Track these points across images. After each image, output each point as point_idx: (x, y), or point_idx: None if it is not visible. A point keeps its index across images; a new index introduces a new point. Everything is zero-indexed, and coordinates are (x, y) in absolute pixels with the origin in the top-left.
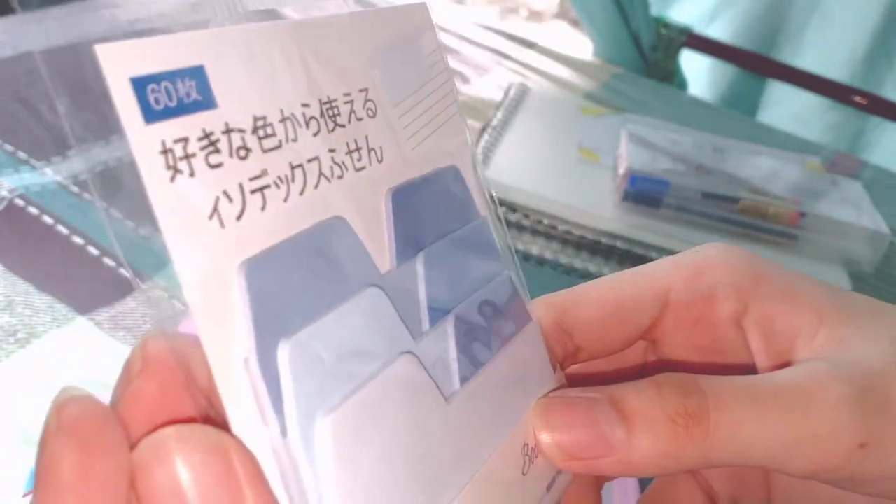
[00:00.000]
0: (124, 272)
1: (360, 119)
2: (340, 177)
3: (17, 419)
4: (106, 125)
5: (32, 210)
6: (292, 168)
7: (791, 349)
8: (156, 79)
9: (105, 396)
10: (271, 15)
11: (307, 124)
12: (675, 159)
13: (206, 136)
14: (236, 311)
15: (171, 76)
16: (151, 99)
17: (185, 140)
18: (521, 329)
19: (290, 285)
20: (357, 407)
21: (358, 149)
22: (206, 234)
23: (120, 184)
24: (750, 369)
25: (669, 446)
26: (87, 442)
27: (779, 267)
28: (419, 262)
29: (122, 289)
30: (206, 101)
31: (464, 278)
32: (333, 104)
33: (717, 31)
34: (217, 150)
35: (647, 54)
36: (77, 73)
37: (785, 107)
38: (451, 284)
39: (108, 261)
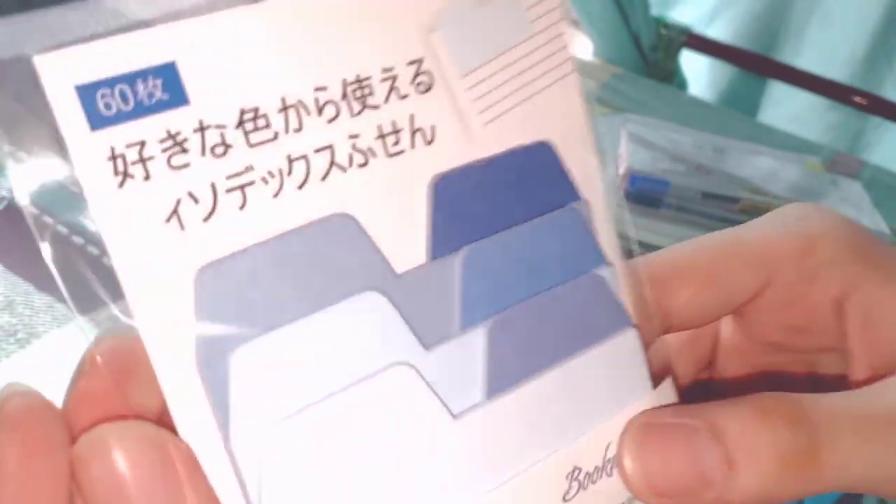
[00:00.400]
0: None
1: (404, 96)
2: (363, 164)
3: None
4: None
5: (32, 210)
6: (290, 161)
7: (890, 341)
8: (107, 83)
9: None
10: None
11: (320, 110)
12: (675, 159)
13: (171, 136)
14: (187, 316)
15: (129, 78)
16: (101, 105)
17: (142, 143)
18: (609, 337)
19: (260, 291)
20: (316, 419)
21: (395, 131)
22: (159, 238)
23: None
24: (837, 354)
25: (775, 485)
26: (26, 436)
27: (884, 244)
28: (459, 257)
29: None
30: (174, 100)
31: (529, 276)
32: (364, 83)
33: (717, 32)
34: (184, 151)
35: (647, 54)
36: None
37: (785, 107)
38: (504, 283)
39: (108, 260)
